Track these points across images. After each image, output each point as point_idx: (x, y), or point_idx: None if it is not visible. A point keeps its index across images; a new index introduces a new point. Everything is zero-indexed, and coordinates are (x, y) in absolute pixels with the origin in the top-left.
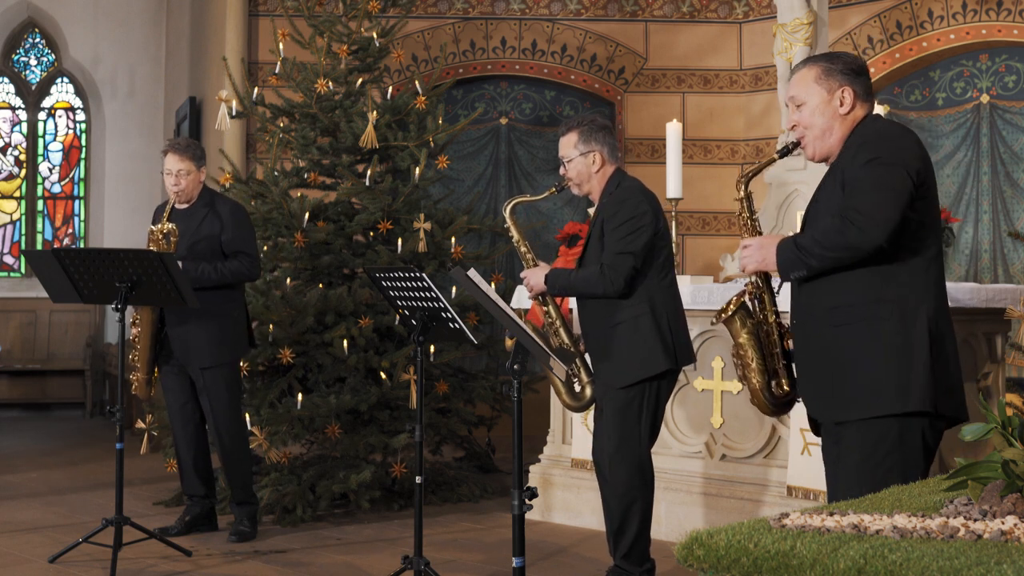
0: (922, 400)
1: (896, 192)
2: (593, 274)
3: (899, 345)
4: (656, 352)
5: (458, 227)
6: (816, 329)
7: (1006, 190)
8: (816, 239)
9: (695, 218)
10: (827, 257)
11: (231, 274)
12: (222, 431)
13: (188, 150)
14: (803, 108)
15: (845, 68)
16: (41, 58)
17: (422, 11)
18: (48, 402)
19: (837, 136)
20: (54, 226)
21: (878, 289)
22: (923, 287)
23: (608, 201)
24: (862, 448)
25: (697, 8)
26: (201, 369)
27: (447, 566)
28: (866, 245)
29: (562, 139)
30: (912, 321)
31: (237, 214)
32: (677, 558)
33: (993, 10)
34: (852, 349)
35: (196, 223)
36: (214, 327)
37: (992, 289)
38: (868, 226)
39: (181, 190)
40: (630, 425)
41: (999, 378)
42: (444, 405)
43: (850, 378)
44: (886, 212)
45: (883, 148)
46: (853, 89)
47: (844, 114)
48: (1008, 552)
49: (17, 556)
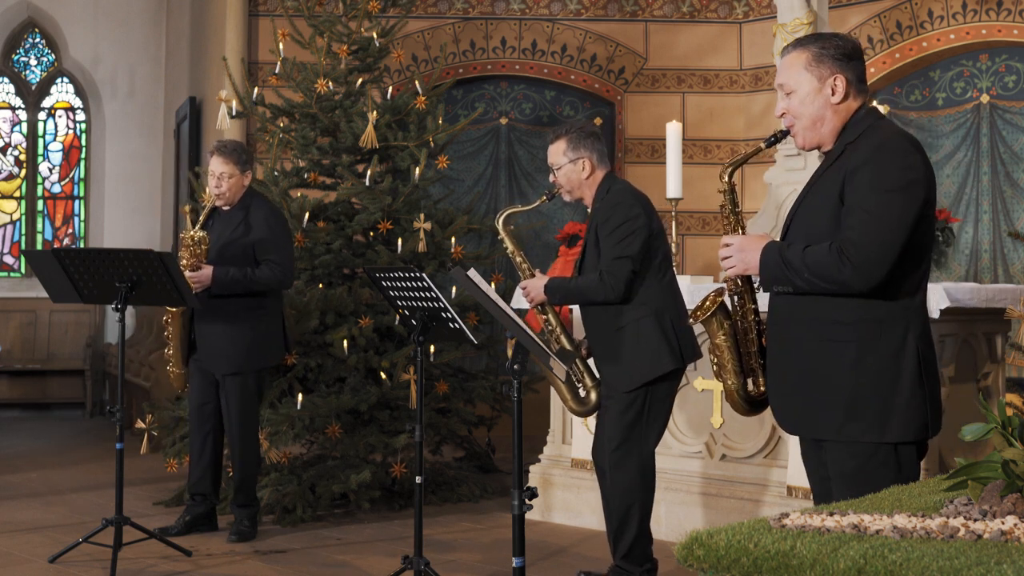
0: (904, 430)
1: (901, 226)
2: (593, 281)
3: (887, 370)
4: (662, 353)
5: (458, 227)
6: (796, 339)
7: (1006, 190)
8: (807, 264)
9: (695, 218)
10: (816, 285)
11: (260, 282)
12: (236, 436)
13: (233, 154)
14: (792, 96)
15: (837, 53)
16: (41, 58)
17: (422, 11)
18: (48, 402)
19: (830, 126)
20: (54, 226)
21: (869, 309)
22: (914, 309)
23: (600, 207)
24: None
25: (697, 8)
26: (224, 375)
27: (447, 566)
28: (861, 287)
29: (551, 147)
30: (902, 345)
31: (271, 219)
32: (677, 558)
33: (993, 10)
34: (836, 367)
35: (231, 227)
36: (238, 335)
37: (992, 289)
38: (866, 268)
39: (221, 192)
40: (633, 425)
41: (999, 378)
42: (444, 405)
43: (830, 397)
44: (887, 253)
45: (892, 170)
46: (846, 76)
47: (836, 103)
48: (1008, 552)
49: (17, 556)
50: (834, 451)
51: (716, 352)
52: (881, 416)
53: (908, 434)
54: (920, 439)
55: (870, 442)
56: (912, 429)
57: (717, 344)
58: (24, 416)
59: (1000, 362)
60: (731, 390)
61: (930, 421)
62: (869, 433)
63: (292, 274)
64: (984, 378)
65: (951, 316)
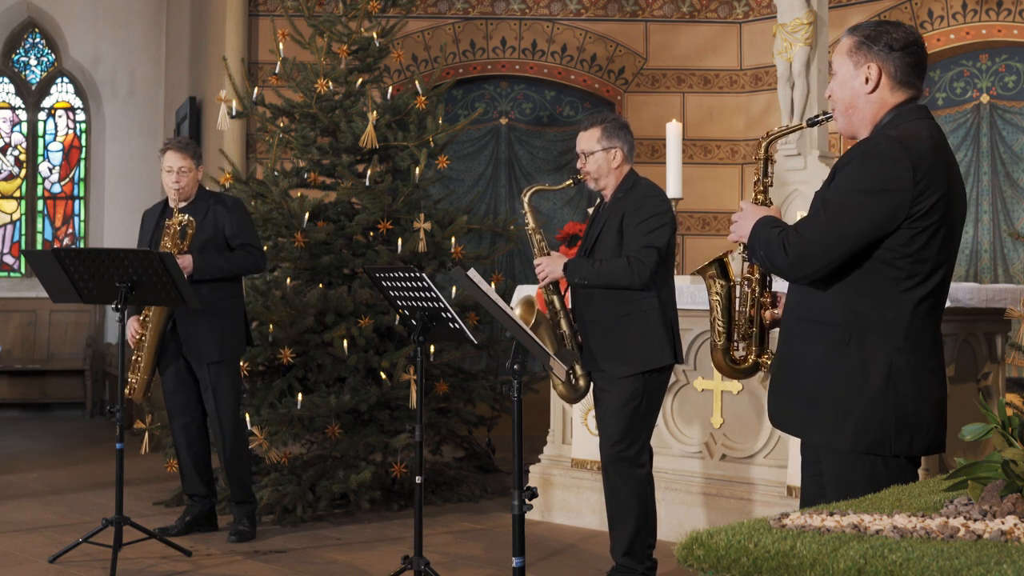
0: (857, 440)
1: (856, 230)
2: (620, 265)
3: (852, 377)
4: (664, 346)
5: (458, 227)
6: (787, 335)
7: (1006, 190)
8: (764, 243)
9: (695, 218)
10: (766, 265)
11: (241, 266)
12: (225, 428)
13: (188, 148)
14: (834, 79)
15: (882, 43)
16: (41, 58)
17: (422, 11)
18: (48, 402)
19: (862, 115)
20: (54, 226)
21: (849, 313)
22: (898, 319)
23: (631, 196)
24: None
25: (697, 8)
26: (209, 364)
27: (447, 566)
28: (790, 278)
29: (583, 133)
30: (873, 355)
31: (239, 208)
32: (677, 558)
33: (993, 10)
34: (807, 367)
35: (198, 219)
36: (223, 322)
37: (992, 289)
38: (799, 261)
39: (181, 187)
40: (633, 417)
41: (999, 378)
42: (444, 405)
43: (798, 396)
44: (827, 253)
45: (866, 172)
46: (882, 67)
47: (868, 93)
48: (1008, 552)
49: (17, 556)
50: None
51: (709, 309)
52: (836, 421)
53: (860, 444)
54: (876, 453)
55: (831, 448)
56: (865, 440)
57: (710, 302)
58: (24, 416)
59: (1000, 362)
60: (716, 348)
61: (893, 436)
62: (824, 436)
63: (265, 257)
64: (984, 378)
65: (951, 316)
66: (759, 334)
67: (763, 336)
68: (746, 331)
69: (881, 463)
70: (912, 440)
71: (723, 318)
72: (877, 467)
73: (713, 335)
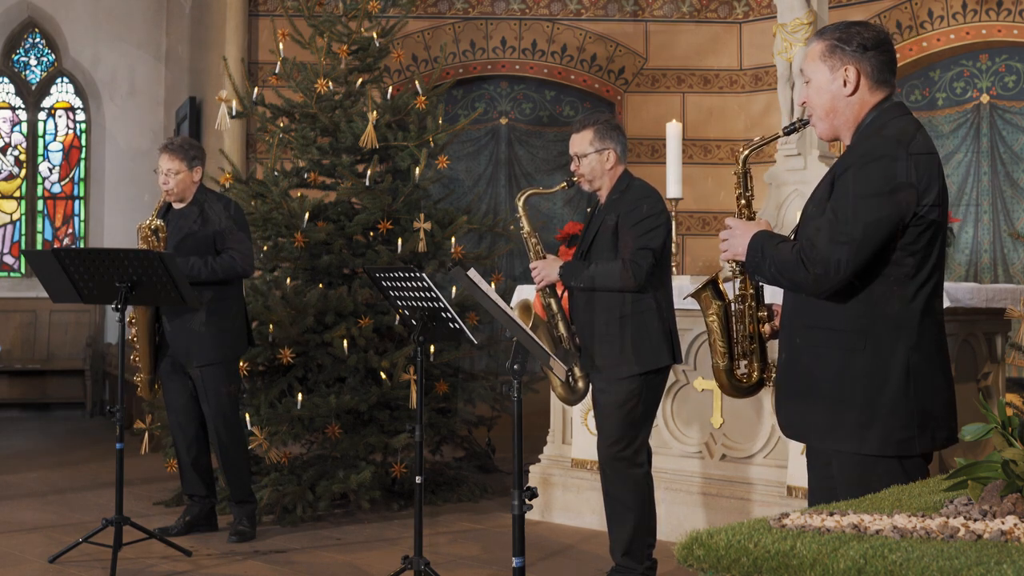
0: (884, 444)
1: (875, 234)
2: (615, 267)
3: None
4: (661, 346)
5: (458, 227)
6: (793, 344)
7: (1006, 190)
8: (775, 261)
9: (695, 218)
10: (779, 281)
11: (221, 269)
12: (220, 429)
13: (180, 150)
14: (809, 85)
15: (855, 44)
16: (41, 58)
17: (422, 11)
18: (48, 402)
19: (844, 118)
20: (54, 226)
21: (859, 317)
22: (909, 318)
23: (626, 198)
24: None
25: (697, 8)
26: (199, 367)
27: (447, 566)
28: (817, 293)
29: (576, 135)
30: (890, 356)
31: (228, 210)
32: (677, 558)
33: (993, 10)
34: (823, 375)
35: (189, 221)
36: (212, 325)
37: (992, 289)
38: (822, 275)
39: (170, 189)
40: (630, 420)
41: (999, 378)
42: (444, 405)
43: (817, 404)
44: (851, 262)
45: (870, 175)
46: (859, 68)
47: (848, 95)
48: (1008, 552)
49: (17, 556)
50: (837, 459)
51: (708, 332)
52: (861, 427)
53: (888, 448)
54: (904, 454)
55: (855, 453)
56: (892, 443)
57: (708, 323)
58: (24, 416)
59: (1000, 362)
60: (719, 370)
61: (917, 435)
62: (848, 443)
63: (252, 263)
64: (984, 378)
65: (951, 316)
66: (760, 349)
67: (764, 351)
68: (747, 348)
69: (898, 463)
70: (934, 436)
71: (723, 338)
72: (895, 467)
73: (715, 357)
